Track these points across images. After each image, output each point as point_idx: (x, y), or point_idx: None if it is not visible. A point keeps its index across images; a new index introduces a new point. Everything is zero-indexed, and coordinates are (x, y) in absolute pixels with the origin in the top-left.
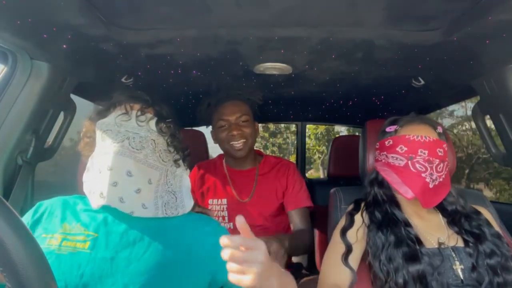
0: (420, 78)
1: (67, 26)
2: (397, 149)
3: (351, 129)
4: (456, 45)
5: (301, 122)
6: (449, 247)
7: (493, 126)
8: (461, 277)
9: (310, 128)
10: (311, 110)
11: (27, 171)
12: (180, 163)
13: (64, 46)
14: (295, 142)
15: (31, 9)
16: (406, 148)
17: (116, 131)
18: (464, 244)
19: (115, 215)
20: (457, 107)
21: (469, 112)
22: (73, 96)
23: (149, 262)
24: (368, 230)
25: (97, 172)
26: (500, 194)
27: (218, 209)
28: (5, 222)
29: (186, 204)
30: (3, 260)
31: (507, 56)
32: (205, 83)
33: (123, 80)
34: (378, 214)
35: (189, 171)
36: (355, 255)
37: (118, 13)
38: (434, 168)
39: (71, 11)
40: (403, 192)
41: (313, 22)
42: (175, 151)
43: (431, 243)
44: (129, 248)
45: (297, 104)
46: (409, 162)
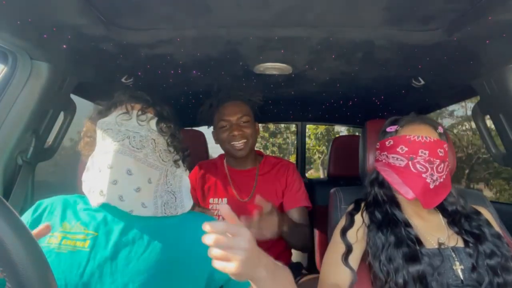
0: (420, 78)
1: (67, 26)
2: (398, 150)
3: (351, 129)
4: (456, 45)
5: (301, 122)
6: (449, 248)
7: (493, 126)
8: (461, 278)
9: (310, 128)
10: (311, 110)
11: (27, 171)
12: (180, 164)
13: (64, 46)
14: (295, 142)
15: (31, 9)
16: (407, 149)
17: (117, 130)
18: (464, 245)
19: (115, 214)
20: (457, 107)
21: (469, 112)
22: (73, 96)
23: (149, 261)
24: (368, 230)
25: (97, 171)
26: (500, 194)
27: (219, 208)
28: (5, 222)
29: (186, 204)
30: (3, 260)
31: (507, 56)
32: (205, 83)
33: (123, 80)
34: (378, 214)
35: (189, 172)
36: (355, 255)
37: (118, 13)
38: (435, 169)
39: (71, 11)
40: (404, 193)
41: (313, 22)
42: (175, 151)
43: (431, 244)
44: (129, 247)
45: (297, 104)
46: (410, 163)
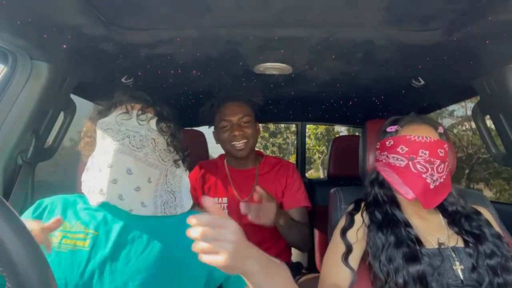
0: (420, 78)
1: (67, 26)
2: (398, 150)
3: (351, 129)
4: (456, 45)
5: (301, 122)
6: (449, 248)
7: (493, 126)
8: (461, 278)
9: (310, 128)
10: (311, 110)
11: (27, 171)
12: (180, 164)
13: (64, 46)
14: (295, 142)
15: (31, 9)
16: (407, 149)
17: (117, 130)
18: (464, 245)
19: (114, 213)
20: (457, 107)
21: (469, 112)
22: (73, 96)
23: (148, 260)
24: (368, 230)
25: (97, 171)
26: (500, 194)
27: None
28: (5, 222)
29: (185, 204)
30: (3, 260)
31: (507, 56)
32: (205, 83)
33: (123, 80)
34: (378, 215)
35: (189, 172)
36: (355, 255)
37: (118, 13)
38: (435, 169)
39: (71, 11)
40: (404, 193)
41: (313, 22)
42: (175, 151)
43: (431, 244)
44: (128, 246)
45: (297, 104)
46: (410, 163)
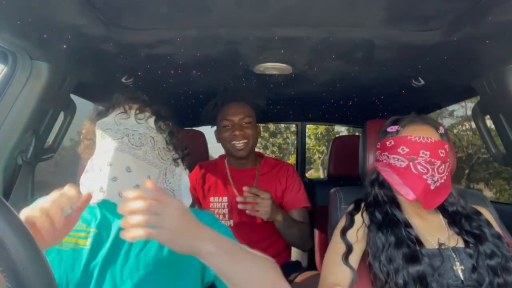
0: (420, 78)
1: (67, 26)
2: (399, 150)
3: (351, 129)
4: (456, 45)
5: (301, 122)
6: (450, 248)
7: (493, 126)
8: (461, 278)
9: (310, 128)
10: (311, 110)
11: (27, 171)
12: (179, 162)
13: (64, 46)
14: (295, 142)
15: (31, 9)
16: (408, 149)
17: (116, 129)
18: (465, 245)
19: (114, 211)
20: (457, 107)
21: (469, 112)
22: (73, 96)
23: (147, 258)
24: (368, 231)
25: (98, 171)
26: (500, 194)
27: (219, 207)
28: (5, 222)
29: (185, 203)
30: (3, 260)
31: (507, 56)
32: (205, 83)
33: (123, 80)
34: (379, 215)
35: (188, 171)
36: (355, 255)
37: (118, 13)
38: (436, 170)
39: (71, 11)
40: (404, 194)
41: (313, 22)
42: (174, 150)
43: (432, 244)
44: (127, 244)
45: (297, 104)
46: (411, 164)
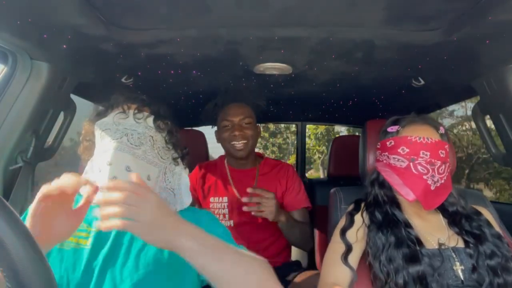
0: (420, 78)
1: (67, 26)
2: (399, 150)
3: (351, 129)
4: (456, 45)
5: (301, 122)
6: (450, 248)
7: (493, 126)
8: (461, 278)
9: (310, 128)
10: (311, 110)
11: (27, 171)
12: (179, 162)
13: (64, 46)
14: (295, 142)
15: (31, 9)
16: (408, 150)
17: (115, 129)
18: (465, 245)
19: None
20: (457, 107)
21: (469, 112)
22: (73, 96)
23: (147, 258)
24: (368, 231)
25: (97, 171)
26: (500, 194)
27: (219, 207)
28: (5, 222)
29: (185, 202)
30: (3, 260)
31: (507, 56)
32: (205, 83)
33: (123, 80)
34: (379, 215)
35: (188, 171)
36: (355, 255)
37: (118, 13)
38: (436, 170)
39: (71, 11)
40: (404, 194)
41: (313, 22)
42: (174, 149)
43: (432, 244)
44: (127, 243)
45: (297, 104)
46: (411, 164)
